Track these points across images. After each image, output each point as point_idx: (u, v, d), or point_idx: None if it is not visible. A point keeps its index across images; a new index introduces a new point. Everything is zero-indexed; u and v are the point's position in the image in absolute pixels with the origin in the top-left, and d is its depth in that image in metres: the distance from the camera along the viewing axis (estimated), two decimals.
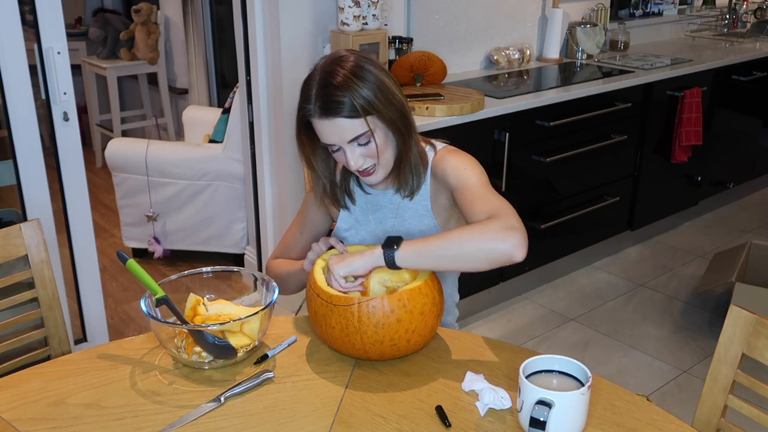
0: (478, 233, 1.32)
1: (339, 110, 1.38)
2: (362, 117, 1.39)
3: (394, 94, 1.44)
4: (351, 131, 1.41)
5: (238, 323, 1.37)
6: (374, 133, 1.42)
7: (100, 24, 4.95)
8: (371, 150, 1.44)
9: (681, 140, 3.64)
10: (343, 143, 1.43)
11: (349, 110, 1.38)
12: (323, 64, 1.44)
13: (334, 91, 1.38)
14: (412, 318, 1.31)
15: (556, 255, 3.40)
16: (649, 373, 2.80)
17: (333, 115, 1.39)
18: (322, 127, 1.42)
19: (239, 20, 2.95)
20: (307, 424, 1.21)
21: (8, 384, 1.32)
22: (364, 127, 1.40)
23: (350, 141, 1.42)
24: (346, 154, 1.44)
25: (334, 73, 1.40)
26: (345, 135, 1.41)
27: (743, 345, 1.32)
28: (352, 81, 1.39)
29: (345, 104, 1.38)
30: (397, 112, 1.44)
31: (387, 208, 1.61)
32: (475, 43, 3.49)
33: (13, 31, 2.24)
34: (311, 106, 1.41)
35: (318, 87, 1.41)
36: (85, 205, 2.55)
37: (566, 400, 1.13)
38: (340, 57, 1.44)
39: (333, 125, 1.40)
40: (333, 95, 1.38)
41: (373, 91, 1.40)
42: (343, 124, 1.40)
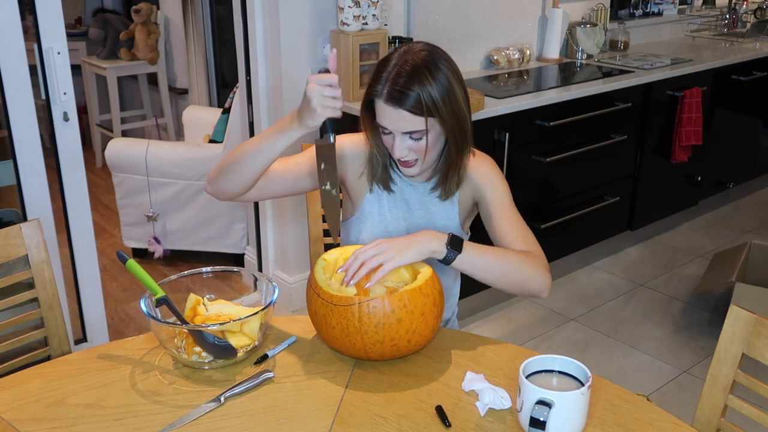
0: (531, 266, 1.46)
1: (404, 102, 1.42)
2: (424, 115, 1.43)
3: (459, 104, 1.47)
4: (409, 124, 1.44)
5: (238, 323, 1.37)
6: (429, 132, 1.45)
7: (100, 24, 4.95)
8: (420, 146, 1.47)
9: (681, 140, 3.64)
10: (397, 132, 1.46)
11: (413, 104, 1.42)
12: (402, 52, 1.47)
13: (405, 82, 1.42)
14: (413, 318, 1.31)
15: (556, 255, 3.40)
16: (649, 373, 2.80)
17: (397, 105, 1.42)
18: (384, 111, 1.45)
19: (239, 20, 2.95)
20: (307, 424, 1.21)
21: (8, 384, 1.32)
22: (422, 125, 1.44)
23: (404, 132, 1.45)
24: (395, 141, 1.47)
25: (410, 63, 1.43)
26: (401, 126, 1.45)
27: (743, 345, 1.32)
28: (425, 77, 1.42)
29: (411, 98, 1.41)
30: (457, 123, 1.48)
31: (415, 199, 1.62)
32: (475, 43, 3.49)
33: (13, 31, 2.24)
34: (380, 87, 1.44)
35: (391, 72, 1.44)
36: (85, 205, 2.55)
37: (566, 400, 1.13)
38: (419, 49, 1.47)
39: (394, 113, 1.43)
40: (403, 85, 1.42)
41: (441, 94, 1.43)
42: (404, 116, 1.43)
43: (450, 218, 1.62)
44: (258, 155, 1.47)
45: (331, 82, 1.35)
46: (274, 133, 1.45)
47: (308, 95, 1.35)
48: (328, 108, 1.35)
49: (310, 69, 2.90)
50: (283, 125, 1.43)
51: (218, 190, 1.55)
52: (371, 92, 1.47)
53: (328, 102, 1.35)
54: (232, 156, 1.51)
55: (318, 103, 1.34)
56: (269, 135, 1.45)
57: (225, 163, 1.51)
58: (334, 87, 1.35)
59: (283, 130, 1.43)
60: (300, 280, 3.12)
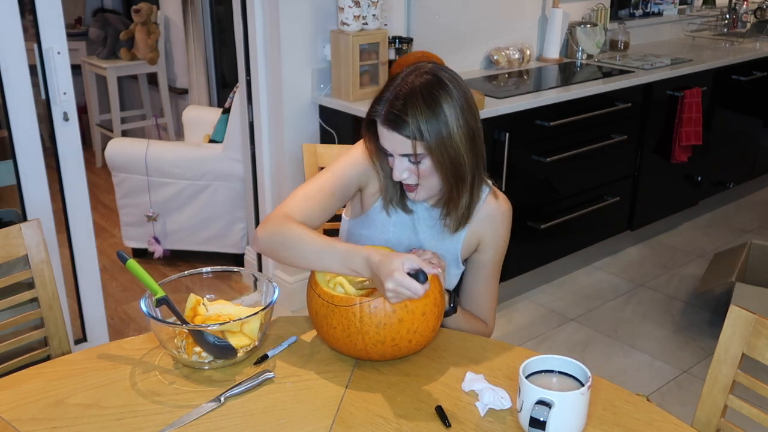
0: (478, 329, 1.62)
1: (398, 126, 1.40)
2: (422, 141, 1.40)
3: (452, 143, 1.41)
4: (403, 148, 1.43)
5: (238, 323, 1.37)
6: (423, 158, 1.43)
7: (100, 24, 4.95)
8: (420, 169, 1.45)
9: (681, 140, 3.64)
10: (396, 153, 1.45)
11: (405, 130, 1.40)
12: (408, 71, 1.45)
13: (401, 106, 1.40)
14: (414, 318, 1.31)
15: (556, 255, 3.40)
16: (649, 373, 2.80)
17: (392, 128, 1.42)
18: (382, 133, 1.45)
19: (239, 20, 2.95)
20: (307, 424, 1.21)
21: (8, 384, 1.32)
22: (418, 149, 1.41)
23: (401, 155, 1.44)
24: (395, 163, 1.46)
25: (409, 86, 1.41)
26: (398, 148, 1.44)
27: (743, 345, 1.32)
28: (417, 105, 1.39)
29: (404, 122, 1.40)
30: (450, 162, 1.43)
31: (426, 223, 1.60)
32: (475, 43, 3.49)
33: (13, 31, 2.24)
34: (380, 108, 1.44)
35: (392, 95, 1.42)
36: (85, 205, 2.55)
37: (566, 400, 1.13)
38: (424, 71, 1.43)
39: (390, 136, 1.43)
40: (399, 109, 1.40)
41: (434, 129, 1.39)
42: (398, 139, 1.42)
43: (450, 251, 1.60)
44: (311, 265, 1.41)
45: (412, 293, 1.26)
46: (339, 260, 1.36)
47: (387, 285, 1.26)
48: (398, 300, 1.30)
49: (310, 69, 2.90)
50: (352, 262, 1.35)
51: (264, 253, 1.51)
52: (372, 113, 1.46)
53: (401, 298, 1.29)
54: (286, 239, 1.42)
55: (392, 295, 1.28)
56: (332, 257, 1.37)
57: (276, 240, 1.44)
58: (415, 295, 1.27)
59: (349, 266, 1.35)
60: (300, 280, 3.12)
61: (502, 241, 1.62)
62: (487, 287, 1.65)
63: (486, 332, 1.64)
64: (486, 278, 1.64)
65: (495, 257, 1.63)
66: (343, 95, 2.85)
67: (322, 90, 2.96)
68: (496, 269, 1.66)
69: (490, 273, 1.64)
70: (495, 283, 1.67)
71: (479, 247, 1.62)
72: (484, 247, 1.61)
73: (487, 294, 1.65)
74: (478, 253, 1.62)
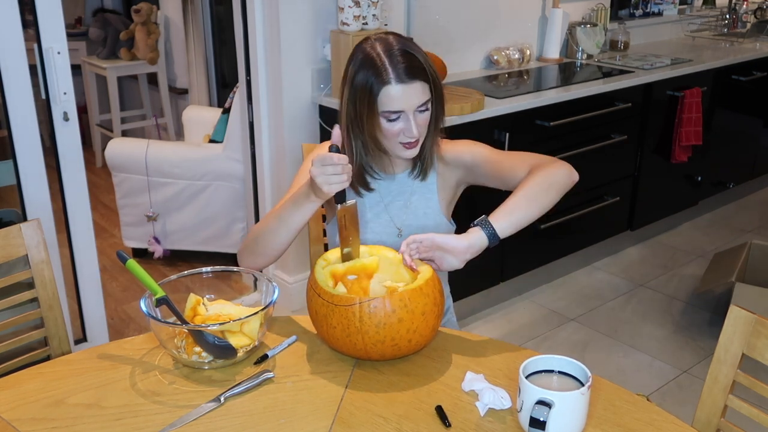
0: (546, 183, 1.49)
1: (418, 73, 1.46)
2: (431, 84, 1.48)
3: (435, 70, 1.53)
4: (423, 95, 1.48)
5: (238, 323, 1.37)
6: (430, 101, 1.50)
7: (100, 24, 4.95)
8: (425, 119, 1.51)
9: (681, 140, 3.64)
10: (411, 109, 1.48)
11: (425, 75, 1.47)
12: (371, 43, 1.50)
13: (414, 56, 1.46)
14: (414, 318, 1.31)
15: (556, 255, 3.40)
16: (649, 373, 2.80)
17: (414, 78, 1.45)
18: (399, 92, 1.46)
19: (239, 20, 2.95)
20: (307, 424, 1.21)
21: (8, 384, 1.32)
22: (431, 92, 1.49)
23: (418, 107, 1.48)
24: (411, 121, 1.48)
25: (398, 44, 1.48)
26: (415, 100, 1.47)
27: (743, 345, 1.32)
28: (415, 47, 1.49)
29: (420, 69, 1.46)
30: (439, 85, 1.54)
31: (395, 191, 1.64)
32: (475, 43, 3.49)
33: (13, 31, 2.24)
34: (386, 75, 1.46)
35: (395, 54, 1.46)
36: (85, 205, 2.55)
37: (566, 400, 1.13)
38: (382, 35, 1.52)
39: (411, 89, 1.46)
40: (414, 60, 1.46)
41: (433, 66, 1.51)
42: (419, 88, 1.47)
43: (430, 206, 1.64)
44: (279, 231, 1.49)
45: (332, 161, 1.34)
46: (291, 207, 1.47)
47: (312, 177, 1.36)
48: (334, 185, 1.36)
49: (310, 69, 2.90)
50: (298, 198, 1.45)
51: (250, 265, 1.58)
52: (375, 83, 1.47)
53: (333, 179, 1.35)
54: (255, 233, 1.54)
55: (323, 182, 1.35)
56: (287, 210, 1.48)
57: (250, 241, 1.55)
58: (335, 164, 1.34)
59: (299, 203, 1.46)
60: (300, 280, 3.12)
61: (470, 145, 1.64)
62: (504, 158, 1.58)
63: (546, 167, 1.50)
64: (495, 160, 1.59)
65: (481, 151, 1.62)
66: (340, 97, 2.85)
67: (322, 90, 2.96)
68: (499, 152, 1.61)
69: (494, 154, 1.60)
70: (509, 153, 1.60)
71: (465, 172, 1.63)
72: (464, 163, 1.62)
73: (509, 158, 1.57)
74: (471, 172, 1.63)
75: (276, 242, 1.52)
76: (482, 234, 1.43)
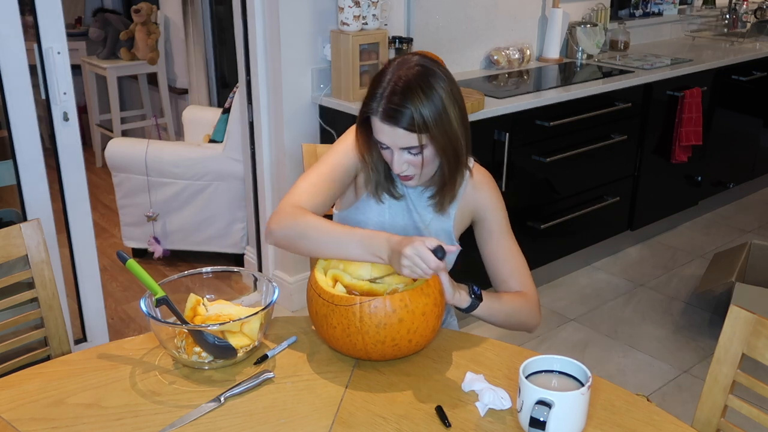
0: (528, 310, 1.59)
1: (399, 120, 1.42)
2: (420, 133, 1.43)
3: (451, 125, 1.45)
4: (405, 141, 1.44)
5: (237, 323, 1.37)
6: (424, 149, 1.46)
7: (100, 24, 4.95)
8: (417, 161, 1.48)
9: (681, 140, 3.64)
10: (395, 148, 1.46)
11: (408, 123, 1.42)
12: (396, 65, 1.47)
13: (399, 100, 1.41)
14: (414, 318, 1.31)
15: (556, 255, 3.40)
16: (649, 373, 2.80)
17: (393, 123, 1.43)
18: (381, 128, 1.45)
19: (239, 20, 2.95)
20: (307, 424, 1.21)
21: (8, 384, 1.32)
22: (417, 141, 1.44)
23: (402, 148, 1.46)
24: (394, 157, 1.47)
25: (404, 80, 1.43)
26: (398, 142, 1.45)
27: (743, 345, 1.32)
28: (417, 96, 1.41)
29: (406, 116, 1.41)
30: (449, 144, 1.47)
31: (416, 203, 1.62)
32: (475, 43, 3.49)
33: (13, 31, 2.24)
34: (375, 105, 1.44)
35: (386, 89, 1.44)
36: (85, 205, 2.55)
37: (566, 400, 1.13)
38: (414, 63, 1.46)
39: (391, 131, 1.44)
40: (398, 103, 1.41)
41: (433, 115, 1.42)
42: (399, 134, 1.43)
43: (443, 229, 1.63)
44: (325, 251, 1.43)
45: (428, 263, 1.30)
46: (360, 246, 1.39)
47: (404, 254, 1.30)
48: (416, 275, 1.32)
49: (310, 69, 2.90)
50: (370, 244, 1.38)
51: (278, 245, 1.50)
52: (367, 110, 1.47)
53: (417, 272, 1.31)
54: (304, 230, 1.44)
55: (409, 267, 1.31)
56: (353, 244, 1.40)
57: (295, 232, 1.45)
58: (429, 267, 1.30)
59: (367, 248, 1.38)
60: (300, 280, 3.12)
61: (495, 202, 1.64)
62: (508, 249, 1.63)
63: (529, 303, 1.59)
64: (499, 242, 1.63)
65: (499, 219, 1.63)
66: (343, 95, 2.85)
67: (322, 90, 2.96)
68: (506, 231, 1.64)
69: (501, 236, 1.63)
70: (513, 247, 1.64)
71: (475, 219, 1.64)
72: (479, 216, 1.64)
73: (509, 257, 1.63)
74: (478, 224, 1.64)
75: (313, 253, 1.45)
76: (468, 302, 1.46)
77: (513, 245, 1.64)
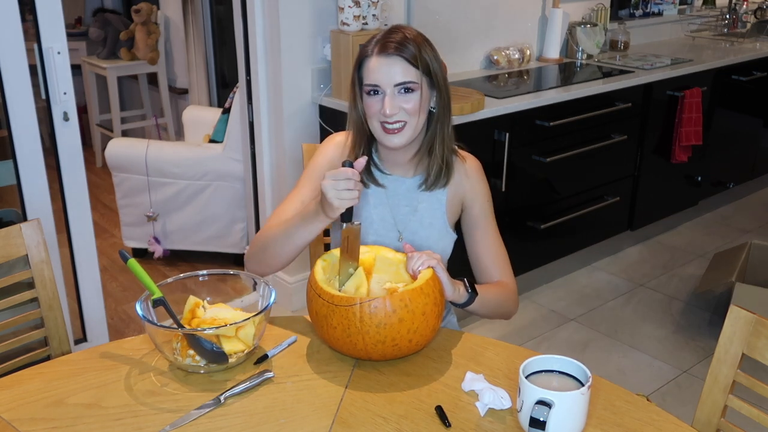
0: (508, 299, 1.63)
1: (401, 50, 1.45)
2: (418, 69, 1.46)
3: (445, 77, 1.52)
4: (403, 74, 1.46)
5: (232, 328, 1.36)
6: (415, 89, 1.48)
7: (100, 24, 4.95)
8: (411, 103, 1.48)
9: (681, 140, 3.64)
10: (389, 86, 1.47)
11: (410, 55, 1.46)
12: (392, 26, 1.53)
13: (402, 37, 1.47)
14: (414, 318, 1.31)
15: (556, 255, 3.40)
16: (649, 373, 2.80)
17: (393, 53, 1.45)
18: (376, 64, 1.47)
19: (239, 20, 2.95)
20: (307, 424, 1.21)
21: (8, 384, 1.32)
22: (415, 77, 1.47)
23: (396, 84, 1.47)
24: (386, 97, 1.47)
25: (405, 28, 1.50)
26: (395, 77, 1.46)
27: (743, 345, 1.32)
28: (421, 39, 1.49)
29: (408, 49, 1.46)
30: (444, 90, 1.53)
31: (402, 195, 1.63)
32: (475, 43, 3.49)
33: (13, 31, 2.24)
34: (372, 44, 1.48)
35: (386, 32, 1.49)
36: (85, 205, 2.55)
37: (566, 400, 1.13)
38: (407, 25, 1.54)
39: (388, 63, 1.46)
40: (401, 39, 1.46)
41: (433, 60, 1.50)
42: (399, 65, 1.46)
43: (436, 216, 1.64)
44: (285, 245, 1.49)
45: (346, 176, 1.33)
46: (300, 223, 1.46)
47: (323, 190, 1.34)
48: (345, 200, 1.34)
49: (310, 69, 2.90)
50: (307, 214, 1.44)
51: (257, 272, 1.56)
52: (362, 54, 1.50)
53: (344, 195, 1.33)
54: (262, 240, 1.53)
55: (334, 196, 1.33)
56: (295, 225, 1.47)
57: (257, 249, 1.54)
58: (348, 179, 1.33)
59: (308, 220, 1.44)
60: (300, 280, 3.12)
61: (482, 192, 1.66)
62: (490, 241, 1.66)
63: (510, 293, 1.63)
64: (483, 231, 1.66)
65: (483, 209, 1.66)
66: (343, 95, 2.85)
67: (322, 90, 2.96)
68: (491, 222, 1.67)
69: (486, 225, 1.66)
70: (496, 237, 1.67)
71: (464, 205, 1.66)
72: (468, 203, 1.65)
73: (492, 248, 1.65)
74: (466, 211, 1.66)
75: (282, 255, 1.51)
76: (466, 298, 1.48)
77: (496, 235, 1.67)
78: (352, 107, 1.58)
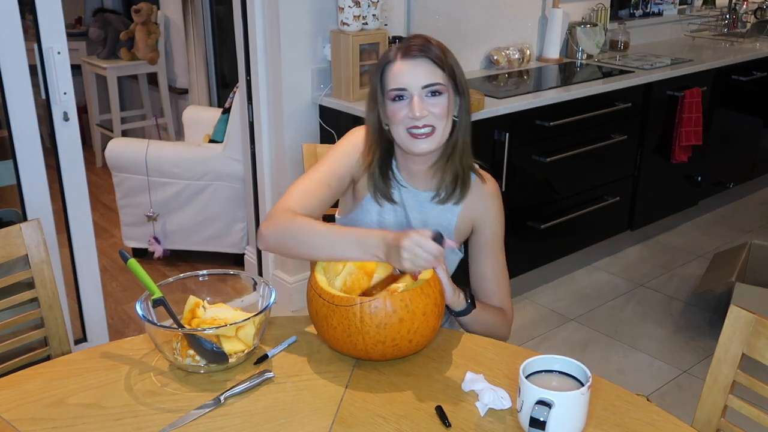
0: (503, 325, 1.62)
1: (426, 51, 1.45)
2: (444, 72, 1.46)
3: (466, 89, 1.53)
4: (430, 76, 1.45)
5: (232, 328, 1.36)
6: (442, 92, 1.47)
7: (100, 24, 4.95)
8: (439, 106, 1.46)
9: (681, 140, 3.64)
10: (416, 88, 1.45)
11: (435, 57, 1.46)
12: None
13: (425, 40, 1.47)
14: (414, 318, 1.31)
15: (556, 255, 3.40)
16: (649, 373, 2.80)
17: (418, 54, 1.45)
18: (401, 67, 1.46)
19: (239, 20, 2.95)
20: (307, 424, 1.21)
21: (8, 384, 1.32)
22: (442, 78, 1.46)
23: (424, 87, 1.45)
24: (414, 98, 1.45)
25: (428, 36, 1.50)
26: (422, 78, 1.45)
27: (743, 345, 1.32)
28: (445, 49, 1.50)
29: (433, 51, 1.46)
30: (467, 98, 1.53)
31: (414, 207, 1.61)
32: (475, 43, 3.49)
33: (13, 31, 2.24)
34: (394, 50, 1.48)
35: (406, 38, 1.49)
36: (85, 205, 2.55)
37: (566, 400, 1.13)
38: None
39: (414, 65, 1.45)
40: (423, 42, 1.47)
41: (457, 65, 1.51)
42: (425, 66, 1.45)
43: (445, 229, 1.60)
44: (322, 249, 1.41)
45: (432, 253, 1.30)
46: (354, 242, 1.38)
47: (402, 245, 1.30)
48: (418, 268, 1.32)
49: (310, 69, 2.90)
50: (364, 243, 1.36)
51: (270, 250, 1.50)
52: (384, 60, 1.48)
53: (419, 263, 1.31)
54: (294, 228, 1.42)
55: (410, 259, 1.30)
56: (346, 239, 1.39)
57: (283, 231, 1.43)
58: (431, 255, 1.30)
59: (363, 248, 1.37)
60: (300, 280, 3.12)
61: (497, 218, 1.62)
62: (495, 269, 1.63)
63: (506, 321, 1.62)
64: (490, 258, 1.62)
65: (494, 236, 1.62)
66: (343, 95, 2.85)
67: (322, 90, 2.96)
68: (499, 249, 1.63)
69: (494, 253, 1.62)
70: (502, 266, 1.64)
71: (475, 228, 1.62)
72: (479, 227, 1.62)
73: (495, 276, 1.63)
74: (475, 234, 1.63)
75: (309, 255, 1.43)
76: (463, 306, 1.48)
77: (502, 264, 1.65)
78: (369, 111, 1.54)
